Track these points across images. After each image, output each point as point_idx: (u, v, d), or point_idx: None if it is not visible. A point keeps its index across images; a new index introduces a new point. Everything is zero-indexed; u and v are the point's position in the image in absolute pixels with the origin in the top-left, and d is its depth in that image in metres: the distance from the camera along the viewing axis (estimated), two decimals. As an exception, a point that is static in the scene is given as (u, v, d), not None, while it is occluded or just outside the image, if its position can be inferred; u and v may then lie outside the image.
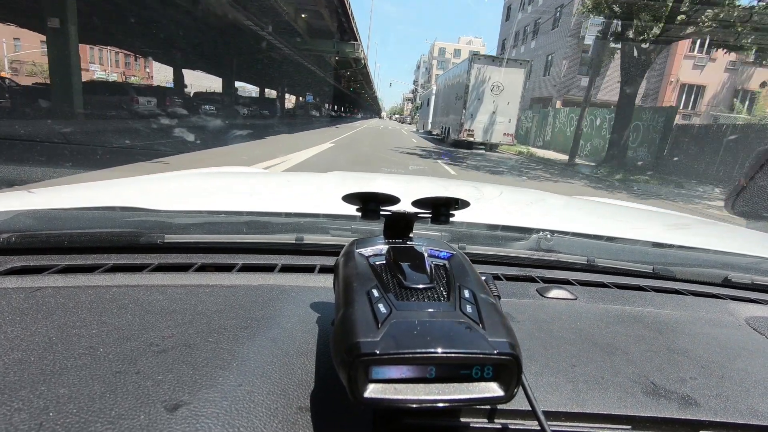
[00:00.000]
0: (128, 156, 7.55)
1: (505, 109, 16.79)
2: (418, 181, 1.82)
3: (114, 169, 5.64)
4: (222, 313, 0.50)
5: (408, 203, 0.47)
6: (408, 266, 0.38)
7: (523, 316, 0.57)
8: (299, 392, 0.39)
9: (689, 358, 0.49)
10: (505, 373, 0.31)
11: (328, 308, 0.54)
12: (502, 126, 16.97)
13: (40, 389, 0.35)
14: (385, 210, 0.47)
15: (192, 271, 0.63)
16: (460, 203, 0.47)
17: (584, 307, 0.63)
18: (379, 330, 0.30)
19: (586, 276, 0.76)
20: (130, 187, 1.17)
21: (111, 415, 0.33)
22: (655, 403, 0.41)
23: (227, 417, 0.34)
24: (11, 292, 0.52)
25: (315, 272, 0.67)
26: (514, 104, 16.74)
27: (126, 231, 0.72)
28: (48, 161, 6.10)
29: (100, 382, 0.37)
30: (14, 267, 0.60)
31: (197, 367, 0.39)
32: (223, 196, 1.17)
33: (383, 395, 0.29)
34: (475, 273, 0.40)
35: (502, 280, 0.71)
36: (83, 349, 0.41)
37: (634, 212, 1.48)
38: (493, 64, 16.55)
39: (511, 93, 16.66)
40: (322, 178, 1.55)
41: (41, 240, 0.65)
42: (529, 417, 0.38)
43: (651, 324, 0.58)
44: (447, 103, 20.98)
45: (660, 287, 0.74)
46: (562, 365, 0.46)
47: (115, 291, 0.54)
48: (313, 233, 0.78)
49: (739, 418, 0.40)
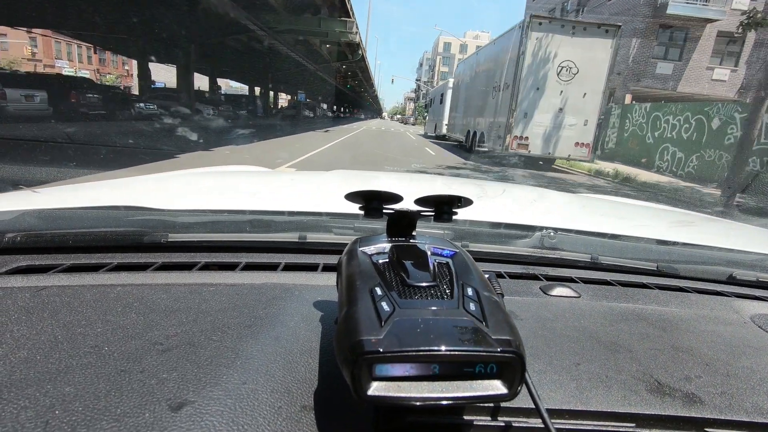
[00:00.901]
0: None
1: (578, 105, 10.60)
2: (420, 180, 2.00)
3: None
4: (225, 312, 0.51)
5: (411, 201, 0.48)
6: (411, 264, 0.39)
7: (527, 314, 0.57)
8: (303, 390, 0.39)
9: (694, 356, 0.49)
10: (509, 370, 0.31)
11: (331, 306, 0.54)
12: (573, 131, 10.78)
13: (46, 387, 0.36)
14: (387, 208, 0.47)
15: (195, 270, 0.64)
16: (462, 201, 0.47)
17: (588, 304, 0.63)
18: (382, 328, 0.31)
19: (590, 274, 0.76)
20: (133, 186, 1.18)
21: (116, 413, 0.34)
22: (660, 400, 0.41)
23: (231, 415, 0.34)
24: (17, 291, 0.52)
25: (318, 271, 0.68)
26: (593, 96, 10.54)
27: (130, 230, 0.74)
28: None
29: (106, 380, 0.37)
30: (20, 266, 0.61)
31: (201, 366, 0.40)
32: (227, 195, 1.18)
33: (387, 393, 0.30)
34: (478, 271, 0.40)
35: (505, 278, 0.71)
36: (88, 347, 0.42)
37: (637, 210, 1.49)
38: (561, 32, 10.33)
39: (589, 78, 10.46)
40: (324, 176, 1.58)
41: (46, 239, 0.66)
42: (532, 415, 0.38)
43: (655, 322, 0.58)
44: (475, 97, 14.73)
45: (664, 285, 0.74)
46: (565, 363, 0.46)
47: (119, 290, 0.55)
48: (316, 232, 0.79)
49: (744, 416, 0.40)
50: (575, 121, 10.69)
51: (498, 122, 11.67)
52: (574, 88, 10.51)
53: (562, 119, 10.71)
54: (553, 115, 10.70)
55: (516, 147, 10.86)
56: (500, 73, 11.91)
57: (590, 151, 10.87)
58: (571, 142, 10.82)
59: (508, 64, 11.18)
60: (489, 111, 12.81)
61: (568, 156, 11.05)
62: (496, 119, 11.98)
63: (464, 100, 16.72)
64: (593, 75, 10.43)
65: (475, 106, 14.73)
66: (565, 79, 10.49)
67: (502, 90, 11.55)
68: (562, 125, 10.75)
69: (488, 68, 13.21)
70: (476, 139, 14.06)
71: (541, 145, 10.89)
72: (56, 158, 7.03)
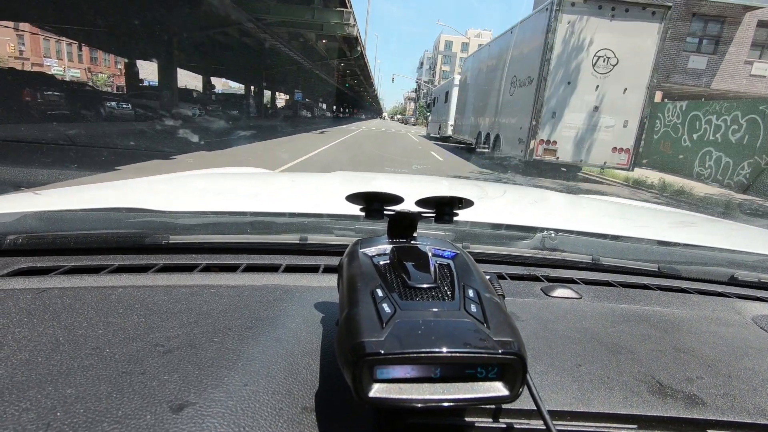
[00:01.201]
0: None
1: (617, 102, 8.86)
2: (421, 181, 1.90)
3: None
4: (227, 314, 0.51)
5: (411, 203, 0.47)
6: (412, 266, 0.38)
7: (528, 316, 0.57)
8: (304, 392, 0.39)
9: (695, 357, 0.49)
10: (510, 372, 0.31)
11: (332, 308, 0.54)
12: (610, 134, 9.03)
13: (47, 389, 0.36)
14: (388, 209, 0.47)
15: (197, 272, 0.64)
16: (463, 202, 0.47)
17: (589, 306, 0.63)
18: (383, 330, 0.30)
19: (591, 275, 0.76)
20: (135, 188, 1.18)
21: (117, 414, 0.34)
22: (661, 402, 0.41)
23: (233, 417, 0.34)
24: (18, 293, 0.52)
25: (319, 272, 0.67)
26: (635, 92, 8.79)
27: (131, 232, 0.74)
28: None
29: (107, 382, 0.37)
30: (21, 268, 0.61)
31: (202, 367, 0.40)
32: (228, 197, 1.17)
33: (388, 395, 0.30)
34: (479, 272, 0.40)
35: (506, 279, 0.71)
36: (89, 349, 0.42)
37: (639, 211, 1.49)
38: (599, 14, 8.55)
39: (630, 70, 8.72)
40: (325, 178, 1.58)
41: (48, 241, 0.66)
42: (534, 416, 0.38)
43: (657, 323, 0.58)
44: (488, 94, 12.95)
45: (666, 286, 0.74)
46: (567, 364, 0.46)
47: (120, 292, 0.55)
48: (316, 233, 0.79)
49: (747, 417, 0.40)
50: (613, 122, 8.93)
51: (518, 123, 9.91)
52: (612, 82, 8.75)
53: (597, 120, 8.95)
54: (586, 115, 8.94)
55: (542, 153, 9.10)
56: (521, 66, 10.14)
57: (630, 158, 9.11)
58: (608, 147, 9.06)
59: (532, 54, 9.41)
60: (506, 110, 11.04)
61: (603, 164, 9.29)
62: (515, 119, 10.22)
63: (474, 98, 14.92)
64: (635, 66, 8.66)
65: (488, 104, 12.93)
66: (602, 72, 8.73)
67: (524, 85, 9.79)
68: (597, 127, 8.99)
69: (505, 60, 11.40)
70: (489, 142, 12.29)
71: (571, 151, 9.12)
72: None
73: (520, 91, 10.03)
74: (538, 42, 9.07)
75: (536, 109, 8.99)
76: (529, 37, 9.83)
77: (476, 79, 14.80)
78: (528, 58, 9.69)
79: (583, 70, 8.73)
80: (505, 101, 11.10)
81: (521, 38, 10.40)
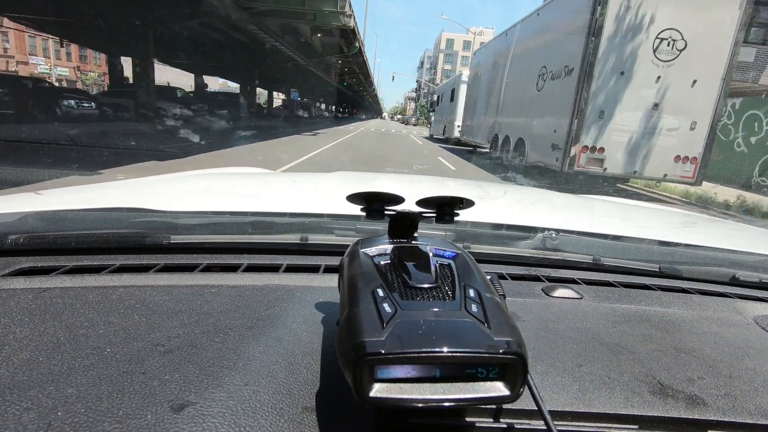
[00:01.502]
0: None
1: (683, 98, 6.92)
2: (422, 181, 1.89)
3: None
4: (227, 314, 0.51)
5: (412, 203, 0.47)
6: (413, 266, 0.38)
7: (529, 316, 0.57)
8: (305, 392, 0.39)
9: (697, 358, 0.49)
10: (511, 372, 0.31)
11: (333, 308, 0.54)
12: (673, 139, 7.09)
13: (48, 389, 0.36)
14: (389, 210, 0.47)
15: (197, 272, 0.64)
16: (464, 202, 0.47)
17: (590, 306, 0.63)
18: (384, 329, 0.30)
19: (592, 275, 0.76)
20: (135, 188, 1.18)
21: (118, 414, 0.34)
22: (663, 402, 0.41)
23: (233, 416, 0.34)
24: (19, 293, 0.52)
25: (320, 272, 0.67)
26: (707, 85, 6.86)
27: (132, 232, 0.74)
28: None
29: (108, 382, 0.37)
30: (22, 268, 0.61)
31: (203, 367, 0.40)
32: (228, 197, 1.17)
33: (388, 395, 0.30)
34: (480, 272, 0.40)
35: (507, 279, 0.71)
36: (90, 349, 0.42)
37: (640, 211, 1.48)
38: (663, -16, 6.63)
39: (702, 56, 6.78)
40: (326, 178, 1.57)
41: (49, 241, 0.66)
42: (535, 416, 0.38)
43: (658, 323, 0.58)
44: (508, 90, 10.97)
45: (667, 286, 0.74)
46: (568, 365, 0.46)
47: (121, 291, 0.55)
48: (317, 233, 0.79)
49: (748, 418, 0.40)
50: (677, 124, 6.99)
51: (551, 125, 7.97)
52: (677, 71, 6.81)
53: (657, 121, 7.01)
54: (643, 115, 7.00)
55: (585, 163, 7.16)
56: (554, 54, 8.19)
57: (697, 169, 7.18)
58: (670, 156, 7.13)
59: (571, 38, 7.47)
60: (533, 109, 9.08)
61: (662, 176, 7.34)
62: (545, 120, 8.28)
63: (487, 96, 12.94)
64: (708, 52, 6.74)
65: (506, 102, 10.98)
66: (666, 59, 6.79)
67: (559, 77, 7.85)
68: (656, 130, 7.05)
69: (532, 48, 9.44)
70: (508, 147, 10.34)
71: (623, 161, 7.18)
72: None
73: (553, 84, 8.09)
74: (581, 21, 7.12)
75: (578, 107, 7.05)
76: (566, 17, 7.86)
77: (490, 73, 12.81)
78: (564, 44, 7.75)
79: (641, 57, 6.79)
80: (531, 98, 9.14)
81: (553, 20, 8.44)
